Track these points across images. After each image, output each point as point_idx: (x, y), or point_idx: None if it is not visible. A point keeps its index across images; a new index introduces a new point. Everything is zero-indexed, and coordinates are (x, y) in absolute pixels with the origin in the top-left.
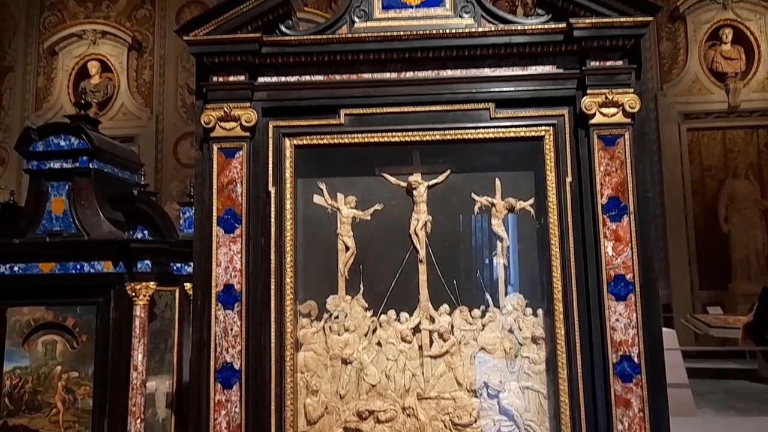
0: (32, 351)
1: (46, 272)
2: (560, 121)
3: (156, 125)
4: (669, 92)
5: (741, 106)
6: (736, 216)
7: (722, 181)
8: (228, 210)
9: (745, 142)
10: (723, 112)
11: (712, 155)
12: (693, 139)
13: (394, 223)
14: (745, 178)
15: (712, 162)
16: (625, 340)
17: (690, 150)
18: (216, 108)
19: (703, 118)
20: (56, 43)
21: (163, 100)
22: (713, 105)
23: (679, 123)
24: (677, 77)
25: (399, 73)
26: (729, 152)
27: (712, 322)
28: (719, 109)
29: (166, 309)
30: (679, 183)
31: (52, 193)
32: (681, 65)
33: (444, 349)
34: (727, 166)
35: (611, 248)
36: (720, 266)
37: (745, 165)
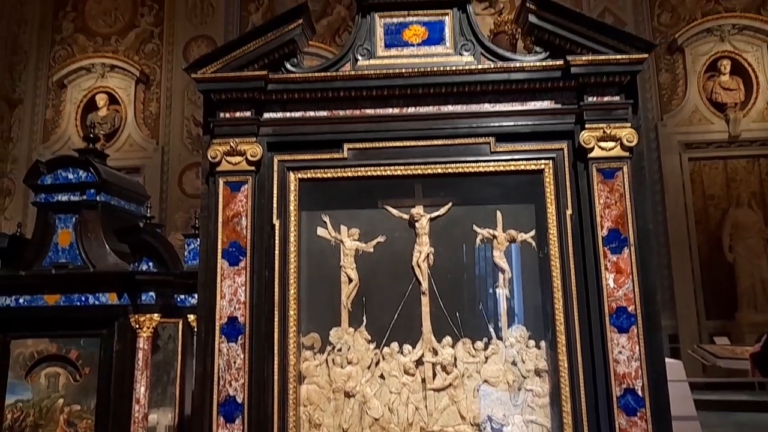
0: (35, 384)
1: (51, 304)
2: (559, 154)
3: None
4: (669, 122)
5: (741, 135)
6: (741, 245)
7: (725, 210)
8: (233, 243)
9: (746, 171)
10: (724, 142)
11: (715, 184)
12: (695, 168)
13: (396, 255)
14: (748, 207)
15: (715, 191)
16: (629, 373)
17: (692, 179)
18: (222, 143)
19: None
20: (65, 76)
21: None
22: (714, 135)
23: (680, 153)
24: (677, 108)
25: (401, 108)
26: (731, 181)
27: (720, 353)
28: (720, 138)
29: (169, 341)
30: (682, 212)
31: (59, 225)
32: (680, 96)
33: (447, 382)
34: (730, 195)
35: (612, 280)
36: (726, 296)
37: (747, 194)
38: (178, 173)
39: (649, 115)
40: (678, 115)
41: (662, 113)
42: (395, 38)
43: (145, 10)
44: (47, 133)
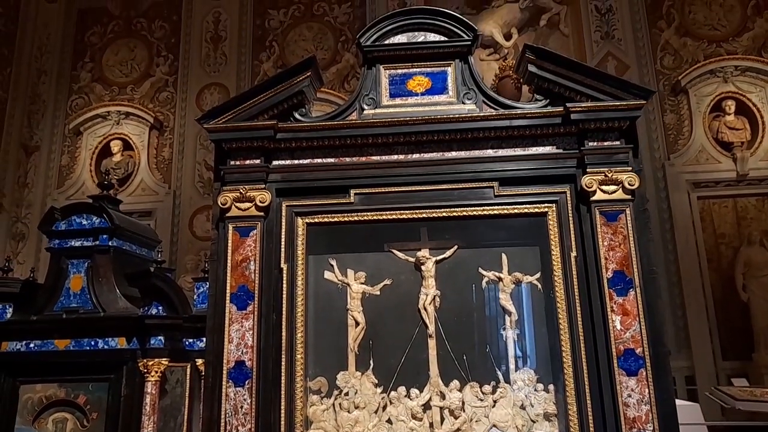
0: (42, 429)
1: (61, 349)
2: (562, 198)
3: (173, 200)
4: (677, 162)
5: (750, 174)
6: (754, 284)
7: (737, 249)
8: (241, 287)
9: (756, 209)
10: (732, 181)
11: (725, 223)
12: (704, 207)
13: (403, 297)
14: (760, 246)
15: (725, 230)
16: (639, 417)
17: (702, 218)
18: (232, 190)
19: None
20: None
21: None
22: (722, 174)
23: (688, 191)
24: (684, 147)
25: (406, 155)
26: (742, 219)
27: (739, 395)
28: (728, 177)
29: (177, 385)
30: (693, 251)
31: (72, 270)
32: (687, 136)
33: (455, 427)
34: (741, 233)
35: (619, 322)
36: (742, 336)
37: (759, 232)
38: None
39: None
40: (685, 155)
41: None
42: (400, 88)
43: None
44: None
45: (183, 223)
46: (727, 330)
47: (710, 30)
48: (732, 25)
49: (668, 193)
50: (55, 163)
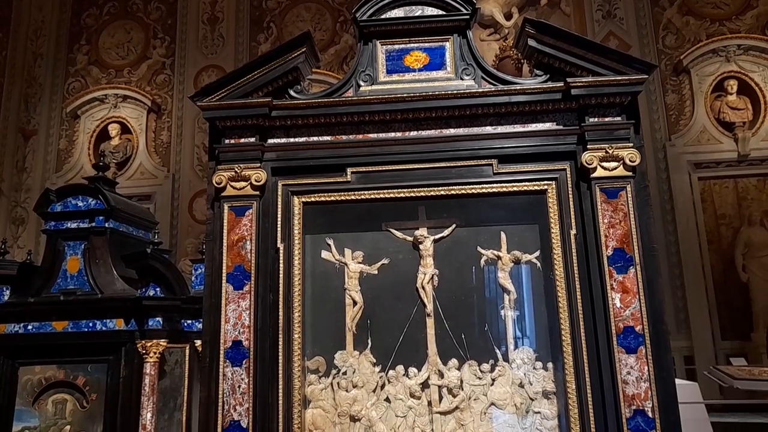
0: (42, 410)
1: (60, 330)
2: (562, 175)
3: (172, 183)
4: (678, 142)
5: (751, 154)
6: (754, 264)
7: (737, 230)
8: (237, 267)
9: (758, 189)
10: (733, 161)
11: (726, 204)
12: (705, 188)
13: (401, 277)
14: (760, 226)
15: (726, 210)
16: (638, 394)
17: (702, 199)
18: (227, 169)
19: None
20: (79, 107)
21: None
22: (723, 154)
23: (689, 172)
24: (685, 128)
25: (403, 132)
26: (742, 200)
27: (737, 374)
28: (729, 158)
29: (176, 366)
30: (694, 232)
31: (68, 252)
32: (688, 116)
33: (453, 405)
34: (742, 214)
35: (619, 300)
36: (741, 316)
37: (759, 213)
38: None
39: (657, 136)
40: (686, 135)
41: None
42: (397, 64)
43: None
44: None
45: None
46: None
47: (713, 8)
48: (735, 4)
49: (669, 174)
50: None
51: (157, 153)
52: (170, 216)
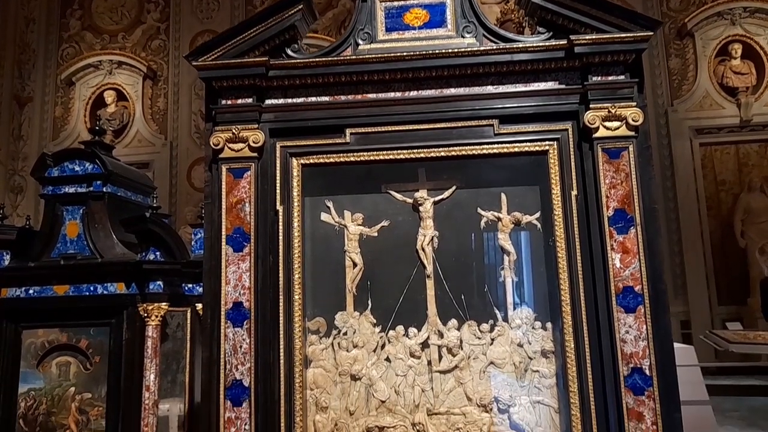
0: (46, 373)
1: (61, 294)
2: (564, 135)
3: (170, 151)
4: (680, 108)
5: (753, 120)
6: (753, 230)
7: (737, 196)
8: (237, 229)
9: (759, 155)
10: (735, 127)
11: (726, 170)
12: (706, 154)
13: (400, 239)
14: (760, 192)
15: (726, 176)
16: (636, 353)
17: (703, 165)
18: (224, 130)
19: (716, 133)
20: (73, 73)
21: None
22: (725, 120)
23: (691, 138)
24: (687, 93)
25: (403, 92)
26: (743, 166)
27: (732, 338)
28: (731, 123)
29: (177, 329)
30: (693, 198)
31: (67, 217)
32: (691, 81)
33: (453, 364)
34: (742, 180)
35: (619, 260)
36: (738, 281)
37: (759, 179)
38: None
39: (659, 101)
40: (688, 101)
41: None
42: (396, 22)
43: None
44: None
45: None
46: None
47: None
48: None
49: (670, 140)
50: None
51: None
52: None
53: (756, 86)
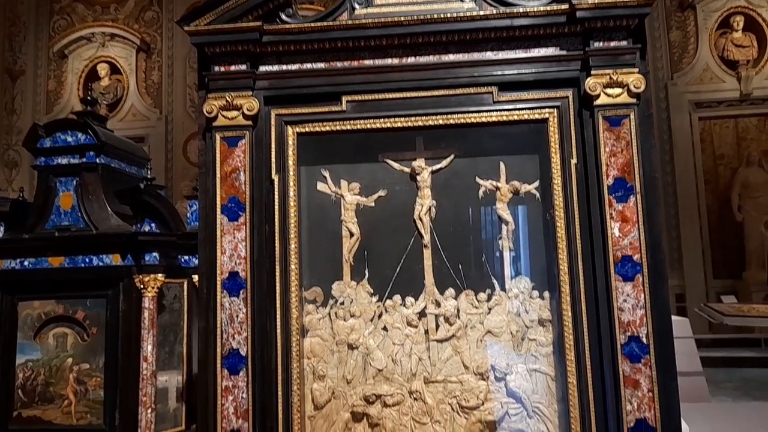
0: (43, 344)
1: (56, 266)
2: (564, 103)
3: (165, 125)
4: (680, 81)
5: (753, 93)
6: (750, 204)
7: (735, 170)
8: (232, 198)
9: (758, 129)
10: (735, 101)
11: (725, 144)
12: (705, 128)
13: (398, 208)
14: (758, 166)
15: (725, 151)
16: (633, 321)
17: (702, 139)
18: (218, 97)
19: (715, 106)
20: (66, 46)
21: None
22: (725, 93)
23: (690, 112)
24: (688, 66)
25: (400, 58)
26: (742, 140)
27: (726, 311)
28: (731, 97)
29: (174, 301)
30: (691, 172)
31: (61, 188)
32: (691, 54)
33: (450, 333)
34: (740, 154)
35: (618, 229)
36: (734, 255)
37: (758, 153)
38: (182, 142)
39: (659, 74)
40: (689, 74)
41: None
42: None
43: None
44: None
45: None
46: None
47: None
48: None
49: (669, 114)
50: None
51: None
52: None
53: (757, 59)
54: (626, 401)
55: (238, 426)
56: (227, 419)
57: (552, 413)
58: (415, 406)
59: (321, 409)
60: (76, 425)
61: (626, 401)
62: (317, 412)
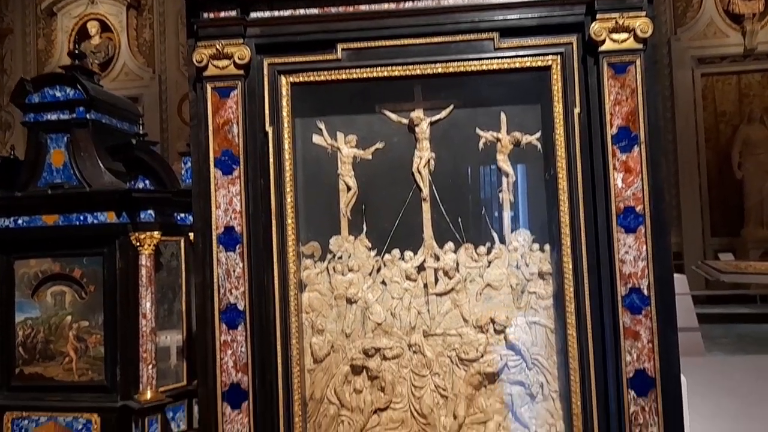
0: (42, 302)
1: (50, 224)
2: (568, 49)
3: (159, 85)
4: (683, 37)
5: (758, 48)
6: (751, 161)
7: (736, 127)
8: (225, 151)
9: (761, 86)
10: (739, 56)
11: (727, 100)
12: (707, 84)
13: (396, 161)
14: (760, 123)
15: (727, 107)
16: (635, 273)
17: (704, 96)
18: (208, 46)
19: (718, 62)
20: (54, 3)
21: (165, 60)
22: (729, 48)
23: (692, 68)
24: (692, 21)
25: (397, 3)
26: (744, 97)
27: (723, 268)
28: (735, 52)
29: (172, 259)
30: (692, 130)
31: (51, 145)
32: (696, 8)
33: (449, 287)
34: (742, 111)
35: (621, 180)
36: (733, 213)
37: (760, 109)
38: (176, 102)
39: (662, 29)
40: (692, 29)
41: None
42: None
43: None
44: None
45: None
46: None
47: None
48: None
49: (672, 71)
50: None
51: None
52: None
53: (763, 13)
54: (626, 352)
55: (237, 379)
56: (227, 373)
57: (551, 365)
58: (414, 359)
59: (320, 363)
60: (78, 381)
61: (626, 352)
62: (317, 366)
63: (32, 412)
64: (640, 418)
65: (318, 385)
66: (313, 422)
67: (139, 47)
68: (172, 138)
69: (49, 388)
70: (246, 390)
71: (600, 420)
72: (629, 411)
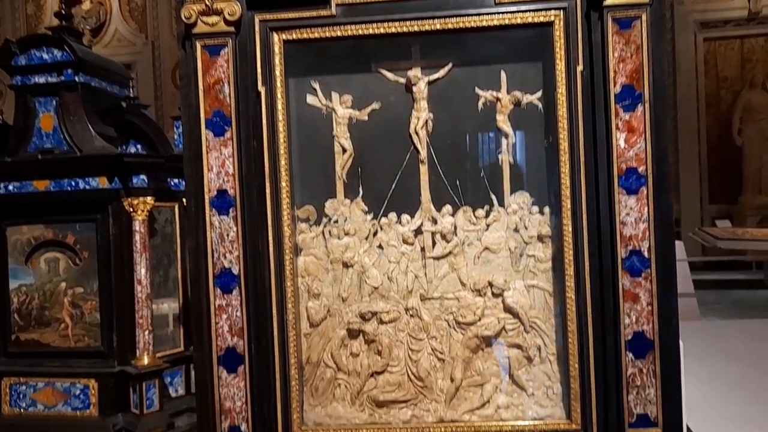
0: (36, 269)
1: (41, 190)
2: (571, 4)
3: (152, 51)
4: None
5: (762, 12)
6: (751, 128)
7: (737, 93)
8: (216, 112)
9: (764, 50)
10: (742, 20)
11: (729, 66)
12: (709, 49)
13: (392, 122)
14: (761, 89)
15: (729, 73)
16: (635, 235)
17: (705, 61)
18: (197, 1)
19: (721, 26)
20: None
21: (158, 25)
22: (733, 12)
23: (695, 32)
24: None
25: None
26: (746, 62)
27: (720, 235)
28: (739, 16)
29: (166, 225)
30: (693, 96)
31: (40, 109)
32: None
33: (447, 251)
34: (744, 76)
35: (623, 140)
36: (731, 180)
37: (762, 75)
38: (170, 69)
39: None
40: None
41: None
42: None
43: None
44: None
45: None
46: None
47: None
48: None
49: (674, 35)
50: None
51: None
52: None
53: None
54: (624, 315)
55: (233, 343)
56: (222, 337)
57: (549, 328)
58: (412, 322)
59: (317, 327)
60: (75, 347)
61: (624, 315)
62: (313, 330)
63: (30, 378)
64: (637, 380)
65: (314, 349)
66: (310, 386)
67: (131, 12)
68: (166, 105)
69: (45, 354)
70: (242, 354)
71: (597, 382)
72: (627, 373)
